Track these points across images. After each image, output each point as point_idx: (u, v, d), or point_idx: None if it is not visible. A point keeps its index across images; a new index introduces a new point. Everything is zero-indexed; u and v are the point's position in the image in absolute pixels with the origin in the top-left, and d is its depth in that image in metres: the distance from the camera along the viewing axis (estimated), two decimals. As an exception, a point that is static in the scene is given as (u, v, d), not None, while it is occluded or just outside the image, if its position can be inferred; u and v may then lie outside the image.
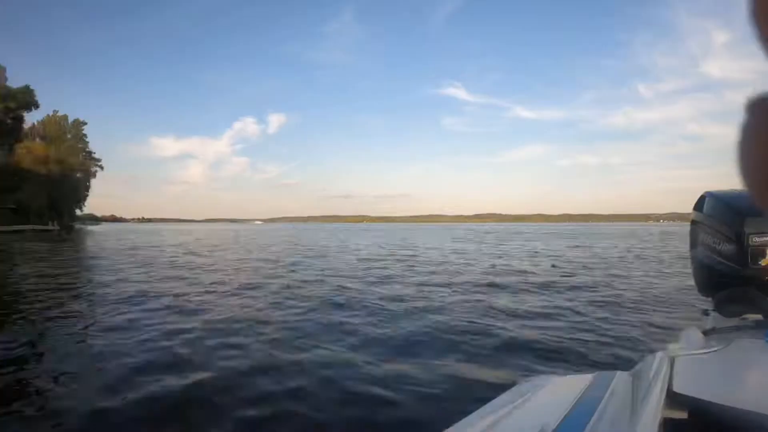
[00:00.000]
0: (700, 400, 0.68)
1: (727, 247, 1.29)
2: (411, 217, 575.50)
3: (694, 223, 1.50)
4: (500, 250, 15.18)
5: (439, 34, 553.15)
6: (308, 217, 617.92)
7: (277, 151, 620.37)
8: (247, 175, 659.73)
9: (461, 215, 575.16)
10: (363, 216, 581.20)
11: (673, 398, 0.70)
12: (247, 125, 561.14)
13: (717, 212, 1.35)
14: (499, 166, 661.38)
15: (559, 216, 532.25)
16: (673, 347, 0.99)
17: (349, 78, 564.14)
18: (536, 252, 14.57)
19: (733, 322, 1.22)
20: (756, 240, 1.23)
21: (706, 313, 1.42)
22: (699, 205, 1.46)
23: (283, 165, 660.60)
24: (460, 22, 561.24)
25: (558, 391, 0.84)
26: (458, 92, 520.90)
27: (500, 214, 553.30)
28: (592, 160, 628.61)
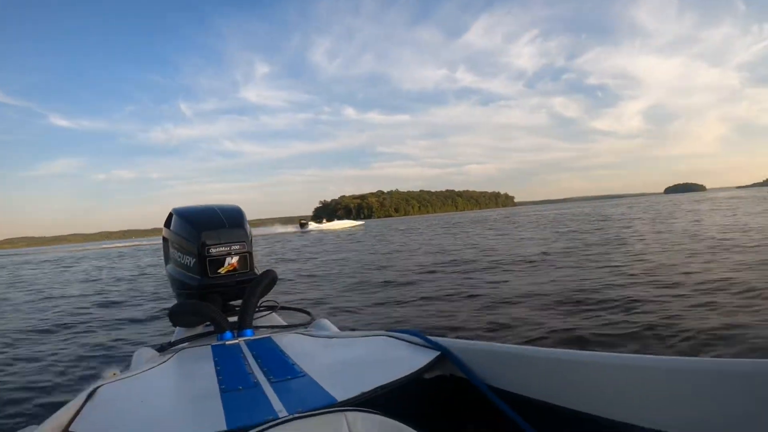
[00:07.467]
0: None
1: (191, 260, 1.32)
2: None
3: (165, 240, 1.51)
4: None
5: None
6: None
7: None
8: None
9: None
10: None
11: None
12: None
13: (181, 228, 1.38)
14: (32, 182, 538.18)
15: (98, 234, 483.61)
16: (110, 372, 0.94)
17: None
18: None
19: (196, 332, 1.22)
20: (213, 251, 1.30)
21: (175, 326, 1.38)
22: (168, 222, 1.48)
23: None
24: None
25: None
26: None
27: (34, 237, 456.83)
28: (130, 175, 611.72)
